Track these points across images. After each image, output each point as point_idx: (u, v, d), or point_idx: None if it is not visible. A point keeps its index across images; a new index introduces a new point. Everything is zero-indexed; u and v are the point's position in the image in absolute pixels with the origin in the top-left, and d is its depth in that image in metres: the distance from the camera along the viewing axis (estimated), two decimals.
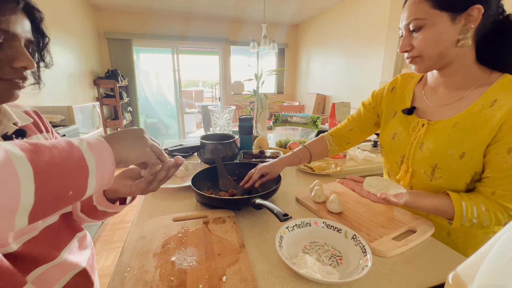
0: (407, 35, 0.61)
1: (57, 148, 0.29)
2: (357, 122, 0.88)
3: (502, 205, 0.56)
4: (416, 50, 0.60)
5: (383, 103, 0.81)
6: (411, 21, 0.58)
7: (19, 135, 0.48)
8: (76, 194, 0.31)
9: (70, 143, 0.31)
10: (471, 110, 0.59)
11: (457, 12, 0.54)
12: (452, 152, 0.60)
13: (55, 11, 2.63)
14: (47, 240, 0.48)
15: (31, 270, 0.44)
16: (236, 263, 0.51)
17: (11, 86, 0.42)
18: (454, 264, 0.48)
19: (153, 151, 0.44)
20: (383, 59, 2.90)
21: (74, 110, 1.93)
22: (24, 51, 0.42)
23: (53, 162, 0.28)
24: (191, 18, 4.33)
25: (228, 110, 1.42)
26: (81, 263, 0.55)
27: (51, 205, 0.29)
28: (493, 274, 0.25)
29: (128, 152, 0.38)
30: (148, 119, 5.61)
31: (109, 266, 1.77)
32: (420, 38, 0.58)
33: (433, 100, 0.68)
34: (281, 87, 5.38)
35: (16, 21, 0.40)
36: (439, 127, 0.63)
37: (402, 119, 0.73)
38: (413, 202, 0.60)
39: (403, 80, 0.78)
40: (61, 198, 0.29)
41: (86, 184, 0.31)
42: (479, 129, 0.57)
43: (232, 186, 0.85)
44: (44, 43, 0.51)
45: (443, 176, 0.63)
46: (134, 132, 0.41)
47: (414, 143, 0.67)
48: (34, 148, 0.27)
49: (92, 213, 0.57)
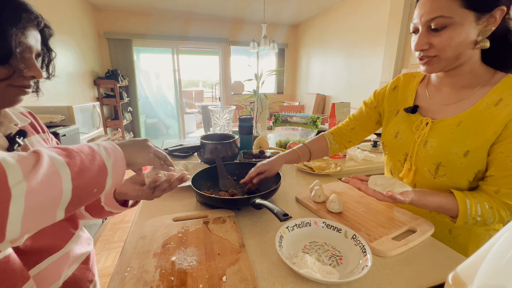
0: (425, 32, 0.57)
1: (83, 153, 0.35)
2: (358, 121, 0.88)
3: (506, 203, 0.56)
4: (435, 49, 0.56)
5: (385, 102, 0.81)
6: (435, 18, 0.54)
7: (21, 136, 0.50)
8: (98, 191, 0.36)
9: (92, 148, 0.37)
10: (476, 109, 0.59)
11: (483, 13, 0.53)
12: (457, 150, 0.60)
13: (55, 11, 2.63)
14: (51, 233, 0.51)
15: (38, 263, 0.48)
16: (236, 263, 0.51)
17: (18, 92, 0.46)
18: (454, 264, 0.48)
19: (157, 156, 0.49)
20: (383, 60, 2.90)
21: (74, 110, 1.93)
22: (35, 63, 0.46)
23: (83, 165, 0.34)
24: (191, 18, 4.33)
25: (228, 110, 1.42)
26: (84, 255, 0.58)
27: (82, 200, 0.34)
28: (493, 274, 0.25)
29: (136, 157, 0.45)
30: (148, 119, 5.61)
31: (109, 266, 1.76)
32: (442, 38, 0.54)
33: (437, 99, 0.68)
34: (281, 87, 5.38)
35: (33, 36, 0.46)
36: (444, 125, 0.63)
37: (405, 117, 0.73)
38: (419, 200, 0.60)
39: (405, 79, 0.78)
40: (89, 194, 0.35)
41: (105, 183, 0.37)
42: (484, 127, 0.57)
43: (232, 186, 0.85)
44: (50, 57, 0.55)
45: (447, 174, 0.63)
46: (140, 141, 0.48)
47: (418, 141, 0.67)
48: (67, 153, 0.33)
49: (97, 212, 0.62)
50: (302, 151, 0.88)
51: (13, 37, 0.41)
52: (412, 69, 2.61)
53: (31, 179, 0.28)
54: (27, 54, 0.45)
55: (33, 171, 0.28)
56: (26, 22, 0.44)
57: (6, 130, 0.49)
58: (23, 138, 0.50)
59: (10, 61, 0.41)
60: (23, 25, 0.43)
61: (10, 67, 0.42)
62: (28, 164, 0.29)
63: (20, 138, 0.49)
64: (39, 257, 0.48)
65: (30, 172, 0.28)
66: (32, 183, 0.28)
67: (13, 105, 0.47)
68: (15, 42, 0.41)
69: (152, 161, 0.48)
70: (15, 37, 0.41)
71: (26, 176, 0.28)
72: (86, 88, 3.35)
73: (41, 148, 0.32)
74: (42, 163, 0.30)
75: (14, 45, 0.41)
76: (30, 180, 0.28)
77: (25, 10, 0.44)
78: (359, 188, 0.62)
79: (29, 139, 0.53)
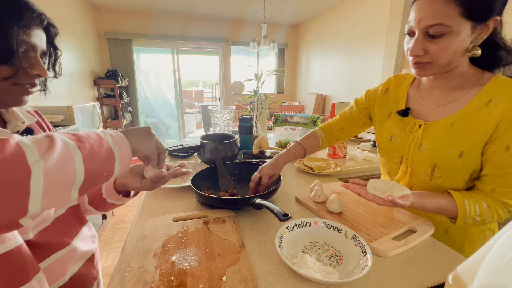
0: (422, 38, 0.56)
1: (92, 138, 0.36)
2: (348, 121, 0.89)
3: (502, 202, 0.57)
4: (430, 56, 0.56)
5: (376, 105, 0.81)
6: (434, 25, 0.52)
7: (28, 133, 0.51)
8: (108, 175, 0.38)
9: (99, 135, 0.38)
10: (467, 110, 0.60)
11: (478, 22, 0.53)
12: (451, 151, 0.60)
13: (55, 11, 2.63)
14: (59, 229, 0.53)
15: (46, 257, 0.49)
16: (236, 263, 0.51)
17: (23, 91, 0.47)
18: (454, 264, 0.48)
19: (157, 147, 0.49)
20: (383, 60, 2.89)
21: (74, 110, 1.92)
22: (39, 61, 0.47)
23: (93, 150, 0.35)
24: (191, 18, 4.33)
25: (228, 110, 1.42)
26: (89, 252, 0.60)
27: (93, 182, 0.36)
28: (493, 274, 0.25)
29: (139, 144, 0.45)
30: (148, 119, 5.61)
31: (109, 266, 1.77)
32: (439, 45, 0.54)
33: (428, 101, 0.69)
34: (281, 87, 5.38)
35: (36, 35, 0.46)
36: (437, 127, 0.64)
37: (397, 120, 0.73)
38: (419, 204, 0.60)
39: (396, 82, 0.78)
40: (100, 177, 0.36)
41: (114, 168, 0.38)
42: (476, 128, 0.58)
43: (232, 186, 0.85)
44: (56, 56, 0.56)
45: (443, 175, 0.63)
46: (144, 128, 0.48)
47: (413, 143, 0.67)
48: (77, 138, 0.35)
49: (100, 205, 0.62)
50: (297, 149, 0.88)
51: (14, 36, 0.41)
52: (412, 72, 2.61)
53: (48, 159, 0.29)
54: (31, 53, 0.45)
55: (49, 151, 0.30)
56: (28, 20, 0.44)
57: (13, 128, 0.50)
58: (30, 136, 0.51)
59: (13, 60, 0.42)
60: (26, 23, 0.43)
61: (14, 66, 0.42)
62: (43, 145, 0.30)
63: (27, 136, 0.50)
64: (47, 251, 0.49)
65: (46, 153, 0.30)
66: (49, 162, 0.29)
67: (19, 105, 0.48)
68: (17, 41, 0.41)
69: (153, 150, 0.48)
70: (17, 36, 0.41)
71: (43, 156, 0.29)
72: (86, 88, 3.35)
73: (53, 133, 0.33)
74: (56, 145, 0.31)
75: (16, 44, 0.41)
76: (47, 160, 0.29)
77: (27, 9, 0.44)
78: (358, 194, 0.61)
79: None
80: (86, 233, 0.61)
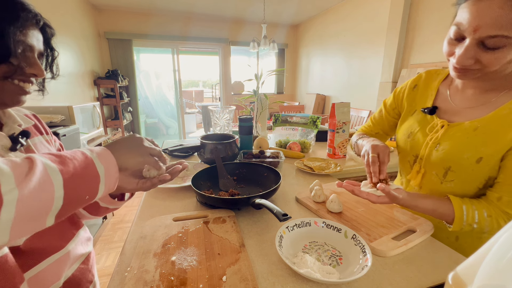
0: (475, 46, 0.49)
1: (77, 160, 0.35)
2: (380, 125, 0.87)
3: (505, 212, 0.55)
4: (480, 65, 0.50)
5: (404, 101, 0.78)
6: (495, 36, 0.46)
7: (24, 136, 0.50)
8: (90, 197, 0.36)
9: (85, 155, 0.37)
10: (497, 114, 0.56)
11: None
12: (469, 155, 0.58)
13: (55, 11, 2.63)
14: (54, 233, 0.52)
15: (40, 261, 0.48)
16: (236, 263, 0.51)
17: (19, 91, 0.46)
18: (454, 264, 0.48)
19: (151, 154, 0.47)
20: (383, 59, 2.89)
21: (74, 110, 1.93)
22: (36, 61, 0.47)
23: (76, 172, 0.34)
24: (191, 18, 4.33)
25: (228, 110, 1.42)
26: (84, 255, 0.59)
27: (73, 207, 0.34)
28: (493, 274, 0.25)
29: (128, 160, 0.43)
30: (148, 119, 5.61)
31: (109, 266, 1.77)
32: (494, 56, 0.48)
33: (457, 100, 0.65)
34: (281, 87, 5.38)
35: (33, 35, 0.46)
36: (459, 129, 0.61)
37: (421, 118, 0.70)
38: (411, 200, 0.60)
39: (427, 77, 0.74)
40: (80, 201, 0.35)
41: (98, 189, 0.37)
42: (503, 133, 0.54)
43: (232, 186, 0.85)
44: (53, 57, 0.55)
45: (455, 179, 0.61)
46: (133, 141, 0.46)
47: (430, 143, 0.65)
48: (61, 160, 0.33)
49: (93, 209, 0.60)
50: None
51: (11, 36, 0.41)
52: (412, 69, 2.61)
53: (24, 187, 0.28)
54: (28, 53, 0.45)
55: (26, 178, 0.29)
56: (24, 20, 0.44)
57: (9, 130, 0.49)
58: (26, 138, 0.50)
59: (11, 59, 0.42)
60: (22, 24, 0.43)
61: (11, 65, 0.42)
62: (22, 171, 0.29)
63: (23, 139, 0.49)
64: (40, 256, 0.48)
65: (23, 180, 0.28)
66: (24, 191, 0.28)
67: (15, 105, 0.47)
68: (14, 40, 0.41)
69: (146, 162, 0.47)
70: (14, 36, 0.41)
71: (19, 184, 0.28)
72: (86, 88, 3.35)
73: (35, 155, 0.32)
74: (35, 170, 0.30)
75: (13, 44, 0.41)
76: (23, 188, 0.28)
77: (23, 9, 0.44)
78: (352, 191, 0.61)
79: (32, 140, 0.53)
80: (81, 236, 0.60)
